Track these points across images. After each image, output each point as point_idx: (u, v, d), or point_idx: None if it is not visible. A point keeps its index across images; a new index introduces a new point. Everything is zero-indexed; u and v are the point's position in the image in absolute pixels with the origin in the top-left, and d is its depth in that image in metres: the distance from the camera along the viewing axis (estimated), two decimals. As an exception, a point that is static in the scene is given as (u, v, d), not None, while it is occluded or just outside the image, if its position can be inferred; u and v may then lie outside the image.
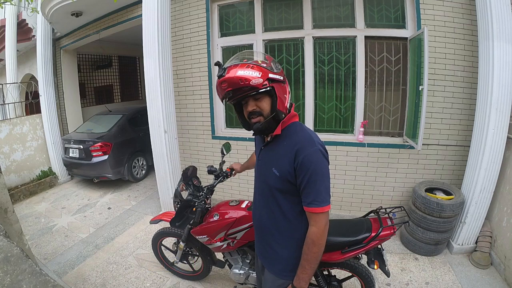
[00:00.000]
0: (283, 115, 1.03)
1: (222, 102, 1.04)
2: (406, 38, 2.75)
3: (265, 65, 0.98)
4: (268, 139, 1.11)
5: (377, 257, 1.60)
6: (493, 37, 2.16)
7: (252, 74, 0.92)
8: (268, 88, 0.96)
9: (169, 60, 3.07)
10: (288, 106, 1.05)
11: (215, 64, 1.01)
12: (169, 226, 1.95)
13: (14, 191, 4.25)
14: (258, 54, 1.07)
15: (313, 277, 1.68)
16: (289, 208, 1.07)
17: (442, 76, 2.62)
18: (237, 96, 0.99)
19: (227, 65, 0.98)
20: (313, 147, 0.98)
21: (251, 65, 0.95)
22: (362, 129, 2.96)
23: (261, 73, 0.93)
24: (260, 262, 1.28)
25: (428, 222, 2.40)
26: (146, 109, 3.11)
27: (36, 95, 5.09)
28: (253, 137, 1.26)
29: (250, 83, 0.92)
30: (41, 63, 4.76)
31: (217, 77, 0.98)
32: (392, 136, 3.00)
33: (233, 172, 1.88)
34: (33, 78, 5.93)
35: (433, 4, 2.55)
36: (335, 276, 1.81)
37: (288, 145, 1.03)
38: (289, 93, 1.06)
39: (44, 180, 4.72)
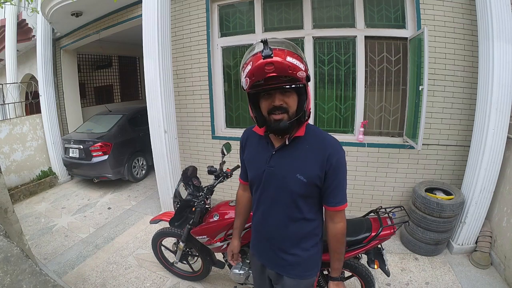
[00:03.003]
0: (307, 117, 0.99)
1: (246, 89, 0.93)
2: (406, 38, 2.75)
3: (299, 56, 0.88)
4: (286, 142, 1.02)
5: (377, 256, 1.60)
6: (493, 37, 2.16)
7: (299, 65, 0.84)
8: (302, 85, 0.89)
9: (169, 60, 3.07)
10: (311, 106, 1.00)
11: (261, 41, 0.85)
12: (169, 226, 1.95)
13: (14, 191, 4.25)
14: (294, 46, 0.90)
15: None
16: (308, 211, 1.08)
17: (442, 76, 2.62)
18: (270, 85, 0.88)
19: (272, 45, 0.85)
20: (342, 150, 1.03)
21: (296, 55, 0.85)
22: (362, 129, 2.96)
23: (304, 66, 0.86)
24: (274, 272, 1.19)
25: (428, 222, 2.40)
26: (146, 109, 3.11)
27: (36, 95, 5.09)
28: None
29: (297, 74, 0.84)
30: (41, 63, 4.76)
31: (260, 56, 0.83)
32: (392, 136, 3.00)
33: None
34: (33, 78, 5.92)
35: (433, 4, 2.55)
36: (335, 276, 1.81)
37: (313, 148, 1.00)
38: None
39: (44, 180, 4.72)
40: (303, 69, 0.86)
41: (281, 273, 1.16)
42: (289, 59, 0.83)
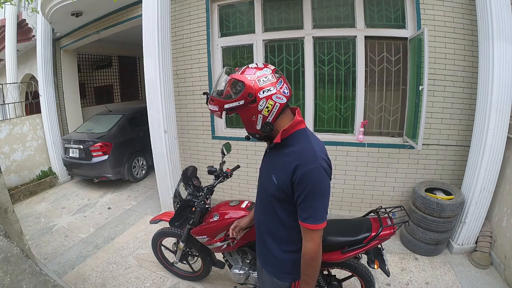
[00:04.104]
0: (257, 135, 1.08)
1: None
2: (406, 38, 2.75)
3: (223, 91, 1.03)
4: (270, 145, 1.09)
5: (377, 256, 1.60)
6: (493, 37, 2.16)
7: (213, 108, 1.05)
8: (230, 115, 1.07)
9: (169, 60, 3.07)
10: (260, 127, 1.01)
11: (203, 94, 1.25)
12: (169, 226, 1.95)
13: (14, 191, 4.25)
14: (226, 81, 1.04)
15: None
16: (285, 216, 1.07)
17: (442, 76, 2.62)
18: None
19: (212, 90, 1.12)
20: (314, 163, 0.94)
21: (213, 98, 1.04)
22: (362, 129, 2.96)
23: (217, 106, 1.03)
24: (259, 264, 1.28)
25: (428, 222, 2.40)
26: (146, 109, 3.11)
27: (36, 95, 5.09)
28: None
29: (215, 115, 1.08)
30: (41, 63, 4.76)
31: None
32: (392, 136, 3.00)
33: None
34: (33, 78, 5.92)
35: (433, 4, 2.55)
36: (335, 276, 1.81)
37: (288, 155, 1.00)
38: (263, 111, 0.97)
39: (44, 180, 4.72)
40: (216, 109, 1.04)
41: (262, 266, 1.25)
42: (209, 107, 1.07)
